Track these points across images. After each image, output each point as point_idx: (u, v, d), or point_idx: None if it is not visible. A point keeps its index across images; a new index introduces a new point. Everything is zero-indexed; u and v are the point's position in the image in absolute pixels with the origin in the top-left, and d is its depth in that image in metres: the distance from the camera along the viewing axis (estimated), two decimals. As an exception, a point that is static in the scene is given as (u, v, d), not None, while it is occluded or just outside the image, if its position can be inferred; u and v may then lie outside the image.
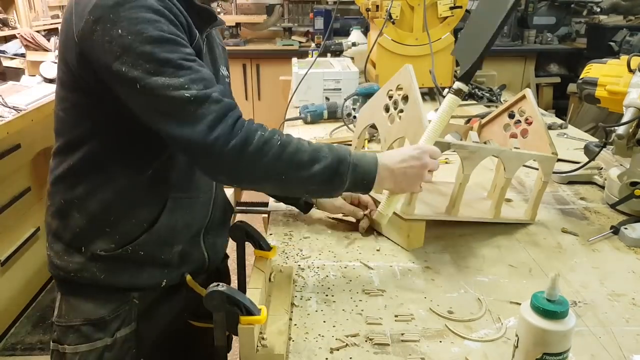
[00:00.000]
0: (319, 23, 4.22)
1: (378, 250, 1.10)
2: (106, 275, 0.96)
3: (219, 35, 1.13)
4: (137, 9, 0.81)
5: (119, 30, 0.80)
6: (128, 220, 0.94)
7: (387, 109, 1.12)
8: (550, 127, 1.94)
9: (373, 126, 1.19)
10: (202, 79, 0.83)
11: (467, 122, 1.89)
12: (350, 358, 0.79)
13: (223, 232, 1.13)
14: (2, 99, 2.29)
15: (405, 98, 1.06)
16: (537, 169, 1.19)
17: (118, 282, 0.97)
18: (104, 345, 0.98)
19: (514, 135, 1.26)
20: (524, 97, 1.23)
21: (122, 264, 0.96)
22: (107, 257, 0.95)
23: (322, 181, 0.87)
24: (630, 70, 1.24)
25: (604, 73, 1.32)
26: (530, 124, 1.22)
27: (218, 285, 0.74)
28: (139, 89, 0.81)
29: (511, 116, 1.28)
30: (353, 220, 1.20)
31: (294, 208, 1.26)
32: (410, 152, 0.94)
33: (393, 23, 2.17)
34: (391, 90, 1.11)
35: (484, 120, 1.36)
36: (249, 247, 0.97)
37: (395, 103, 1.10)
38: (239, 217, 1.32)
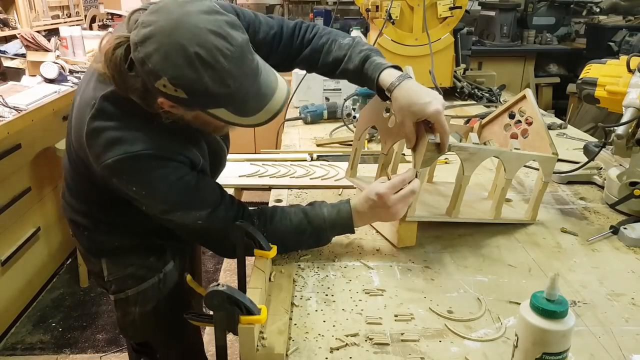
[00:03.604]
0: (319, 23, 4.22)
1: (378, 250, 1.11)
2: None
3: None
4: (146, 171, 0.92)
5: (134, 188, 0.93)
6: None
7: (387, 111, 1.12)
8: (549, 127, 1.94)
9: (373, 127, 1.19)
10: (209, 205, 0.98)
11: (467, 122, 1.89)
12: (350, 358, 0.79)
13: None
14: (3, 99, 2.29)
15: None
16: (537, 169, 1.19)
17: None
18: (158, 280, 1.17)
19: (514, 136, 1.26)
20: (524, 97, 1.24)
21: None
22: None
23: (309, 246, 1.08)
24: (630, 71, 1.24)
25: (603, 73, 1.32)
26: (530, 124, 1.22)
27: (218, 285, 0.74)
28: (160, 216, 0.98)
29: (511, 116, 1.28)
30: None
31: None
32: (372, 199, 1.01)
33: (393, 23, 2.17)
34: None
35: (484, 121, 1.36)
36: (249, 247, 0.97)
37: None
38: (239, 217, 1.31)
